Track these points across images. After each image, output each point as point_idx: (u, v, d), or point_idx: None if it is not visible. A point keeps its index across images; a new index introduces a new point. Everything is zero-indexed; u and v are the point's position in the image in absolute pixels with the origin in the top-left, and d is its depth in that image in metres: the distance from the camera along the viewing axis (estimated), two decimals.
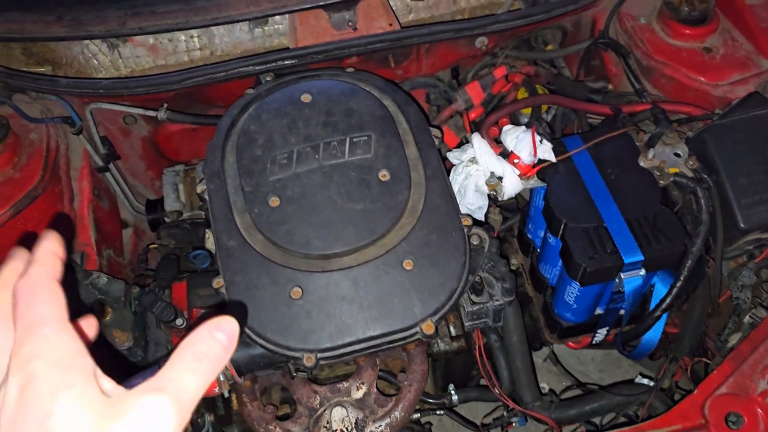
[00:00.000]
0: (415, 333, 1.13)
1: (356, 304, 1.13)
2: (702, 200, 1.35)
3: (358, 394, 1.30)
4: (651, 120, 1.46)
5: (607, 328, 1.52)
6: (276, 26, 1.76)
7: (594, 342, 1.58)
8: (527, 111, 1.61)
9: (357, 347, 1.13)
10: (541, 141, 1.36)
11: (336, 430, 1.25)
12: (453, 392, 1.60)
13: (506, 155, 1.39)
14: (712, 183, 1.37)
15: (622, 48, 1.67)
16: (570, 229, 1.30)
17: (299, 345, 1.11)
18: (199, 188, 1.31)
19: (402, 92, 1.43)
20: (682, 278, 1.35)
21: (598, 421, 1.63)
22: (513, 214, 1.64)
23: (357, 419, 1.27)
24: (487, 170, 1.37)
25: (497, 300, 1.30)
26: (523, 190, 1.41)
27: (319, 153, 1.26)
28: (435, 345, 1.52)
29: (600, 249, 1.27)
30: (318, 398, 1.29)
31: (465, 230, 1.22)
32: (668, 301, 1.38)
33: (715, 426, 1.16)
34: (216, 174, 1.29)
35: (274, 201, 1.22)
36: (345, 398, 1.29)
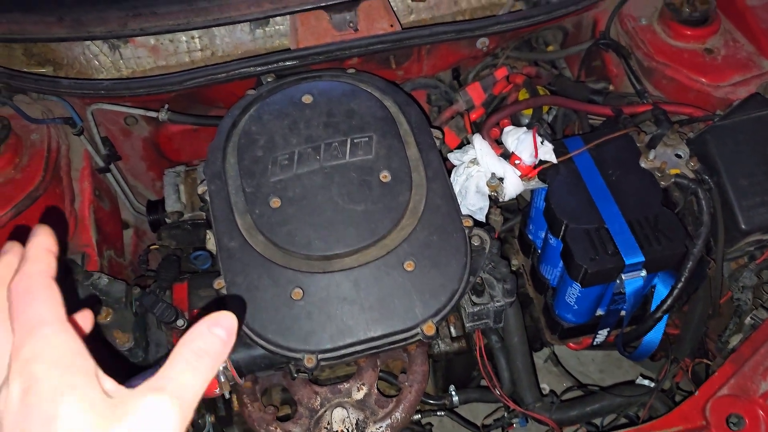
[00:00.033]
0: (416, 334, 1.13)
1: (357, 305, 1.13)
2: (703, 201, 1.35)
3: (359, 395, 1.30)
4: (652, 121, 1.46)
5: (608, 329, 1.52)
6: (277, 27, 1.76)
7: (595, 343, 1.58)
8: (528, 112, 1.61)
9: (358, 348, 1.13)
10: (542, 142, 1.36)
11: (336, 431, 1.25)
12: (454, 393, 1.60)
13: (507, 156, 1.39)
14: (713, 184, 1.37)
15: (623, 49, 1.67)
16: (571, 230, 1.30)
17: (300, 346, 1.11)
18: (200, 189, 1.31)
19: (403, 93, 1.43)
20: (683, 279, 1.35)
21: (599, 422, 1.63)
22: (514, 215, 1.64)
23: (358, 420, 1.27)
24: (488, 171, 1.37)
25: (498, 301, 1.30)
26: (524, 191, 1.41)
27: (320, 154, 1.26)
28: (436, 346, 1.52)
29: (601, 250, 1.27)
30: (319, 399, 1.29)
31: (466, 231, 1.22)
32: (669, 303, 1.38)
33: (716, 427, 1.16)
34: (217, 175, 1.29)
35: (275, 202, 1.22)
36: (346, 399, 1.29)
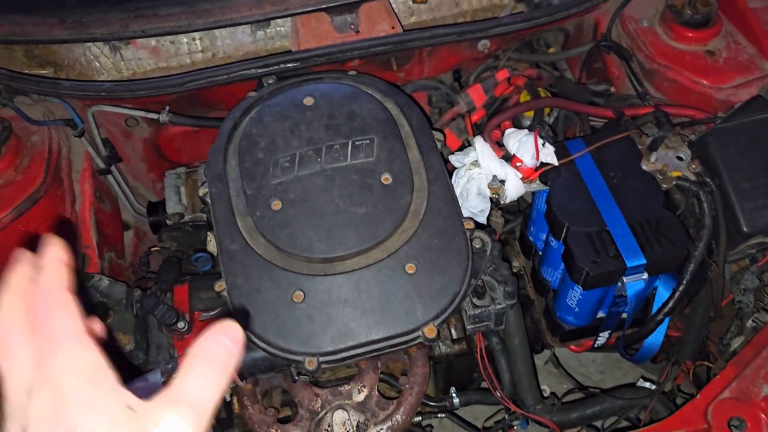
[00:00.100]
0: (418, 337, 1.13)
1: (358, 308, 1.13)
2: (704, 204, 1.35)
3: (360, 397, 1.30)
4: (654, 123, 1.46)
5: (609, 332, 1.52)
6: (278, 28, 1.75)
7: (596, 345, 1.57)
8: (529, 114, 1.61)
9: (359, 351, 1.13)
10: (544, 144, 1.36)
11: None
12: (454, 395, 1.59)
13: (508, 158, 1.39)
14: (715, 187, 1.37)
15: (625, 51, 1.67)
16: (572, 233, 1.30)
17: (301, 349, 1.11)
18: (201, 191, 1.31)
19: (404, 95, 1.43)
20: (685, 282, 1.35)
21: (600, 425, 1.63)
22: (515, 217, 1.64)
23: (358, 422, 1.27)
24: (490, 173, 1.37)
25: (499, 303, 1.29)
26: (525, 193, 1.41)
27: (322, 156, 1.26)
28: (436, 348, 1.51)
29: (602, 253, 1.27)
30: (319, 401, 1.29)
31: (467, 233, 1.22)
32: (671, 305, 1.37)
33: (718, 431, 1.16)
34: (218, 177, 1.28)
35: (277, 204, 1.22)
36: (346, 401, 1.29)
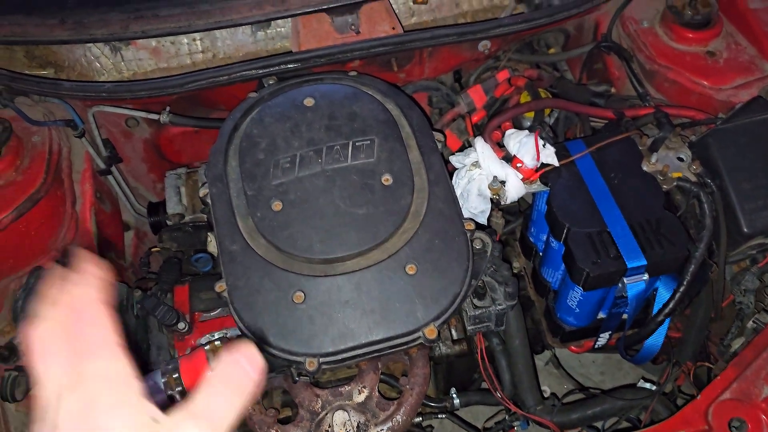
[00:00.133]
0: (418, 337, 1.13)
1: (359, 309, 1.13)
2: (705, 205, 1.35)
3: (360, 398, 1.30)
4: (654, 124, 1.46)
5: (610, 332, 1.52)
6: (279, 29, 1.75)
7: (596, 346, 1.57)
8: (530, 115, 1.61)
9: (360, 352, 1.13)
10: (544, 145, 1.36)
11: None
12: (455, 396, 1.59)
13: (509, 159, 1.39)
14: (716, 187, 1.37)
15: (625, 51, 1.67)
16: (573, 234, 1.30)
17: (302, 349, 1.11)
18: (202, 192, 1.31)
19: (405, 96, 1.43)
20: (686, 283, 1.35)
21: (601, 426, 1.63)
22: (515, 217, 1.64)
23: (359, 423, 1.27)
24: (490, 174, 1.37)
25: (500, 304, 1.29)
26: (526, 194, 1.41)
27: (322, 157, 1.26)
28: (437, 348, 1.51)
29: (603, 254, 1.27)
30: (320, 402, 1.29)
31: (468, 234, 1.21)
32: (671, 306, 1.37)
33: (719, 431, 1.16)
34: (219, 178, 1.28)
35: (277, 205, 1.22)
36: (347, 402, 1.29)
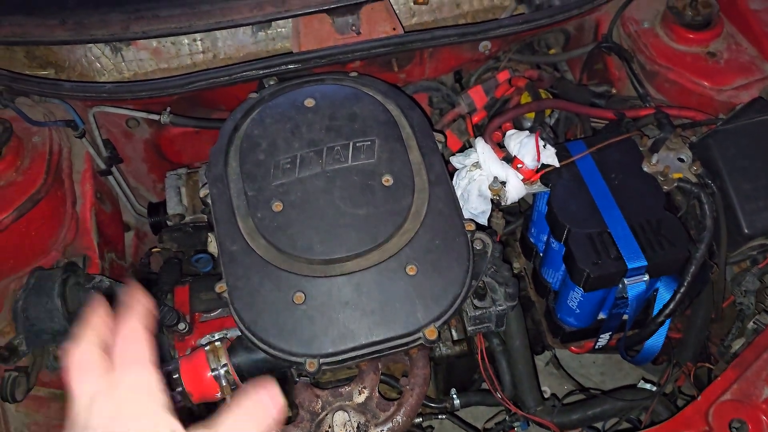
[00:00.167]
0: (418, 338, 1.13)
1: (359, 310, 1.13)
2: (706, 205, 1.35)
3: (360, 399, 1.30)
4: (655, 125, 1.46)
5: (610, 333, 1.52)
6: (279, 30, 1.75)
7: (597, 347, 1.57)
8: (530, 115, 1.61)
9: (360, 352, 1.13)
10: (545, 146, 1.36)
11: None
12: (455, 396, 1.59)
13: (509, 160, 1.39)
14: (716, 188, 1.37)
15: (626, 52, 1.67)
16: (573, 235, 1.30)
17: (302, 350, 1.11)
18: (202, 192, 1.31)
19: (405, 96, 1.43)
20: (686, 284, 1.34)
21: (601, 426, 1.63)
22: (516, 218, 1.64)
23: (359, 423, 1.27)
24: (491, 175, 1.37)
25: (500, 305, 1.29)
26: (526, 195, 1.41)
27: (323, 158, 1.26)
28: (437, 349, 1.51)
29: (603, 254, 1.27)
30: (320, 402, 1.29)
31: (468, 235, 1.21)
32: (672, 307, 1.37)
33: None
34: (219, 178, 1.28)
35: (277, 206, 1.21)
36: (347, 402, 1.29)
